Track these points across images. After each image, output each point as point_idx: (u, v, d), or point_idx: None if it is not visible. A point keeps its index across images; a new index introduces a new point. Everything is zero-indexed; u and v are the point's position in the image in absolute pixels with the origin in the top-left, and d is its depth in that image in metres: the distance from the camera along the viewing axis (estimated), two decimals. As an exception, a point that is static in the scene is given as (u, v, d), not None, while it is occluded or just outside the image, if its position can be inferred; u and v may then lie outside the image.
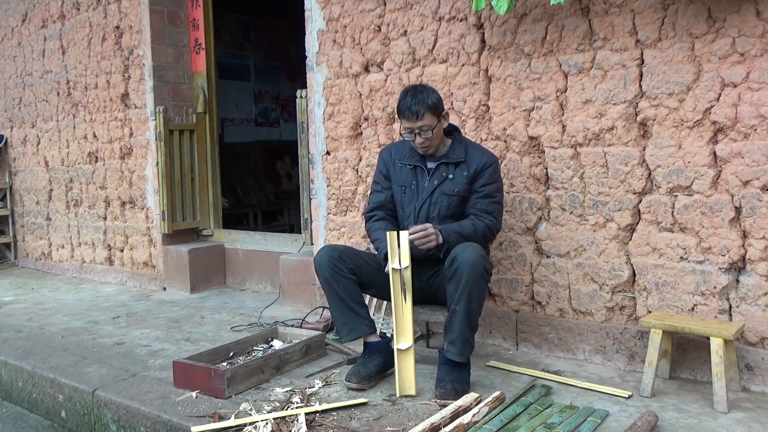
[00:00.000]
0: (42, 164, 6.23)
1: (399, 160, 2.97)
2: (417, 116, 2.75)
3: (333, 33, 3.84)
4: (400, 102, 2.81)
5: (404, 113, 2.79)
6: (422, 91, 2.80)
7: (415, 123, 2.77)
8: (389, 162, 3.00)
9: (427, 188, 2.87)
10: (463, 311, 2.57)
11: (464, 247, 2.62)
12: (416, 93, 2.78)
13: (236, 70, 7.96)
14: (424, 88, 2.83)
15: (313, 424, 2.40)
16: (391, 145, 3.10)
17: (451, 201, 2.84)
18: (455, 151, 2.88)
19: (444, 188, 2.84)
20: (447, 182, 2.84)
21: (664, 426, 2.31)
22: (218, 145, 5.33)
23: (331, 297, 2.82)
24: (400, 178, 2.95)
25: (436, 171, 2.87)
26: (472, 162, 2.85)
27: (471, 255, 2.56)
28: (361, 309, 2.84)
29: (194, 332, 3.79)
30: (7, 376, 3.48)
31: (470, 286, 2.55)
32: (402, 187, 2.94)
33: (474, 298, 2.58)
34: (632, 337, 2.88)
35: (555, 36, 2.99)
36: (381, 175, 3.03)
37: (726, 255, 2.62)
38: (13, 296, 5.15)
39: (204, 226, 5.20)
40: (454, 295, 2.59)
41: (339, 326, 2.86)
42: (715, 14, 2.59)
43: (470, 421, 2.25)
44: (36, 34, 6.11)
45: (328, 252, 2.83)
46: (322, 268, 2.80)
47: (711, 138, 2.63)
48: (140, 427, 2.67)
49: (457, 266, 2.56)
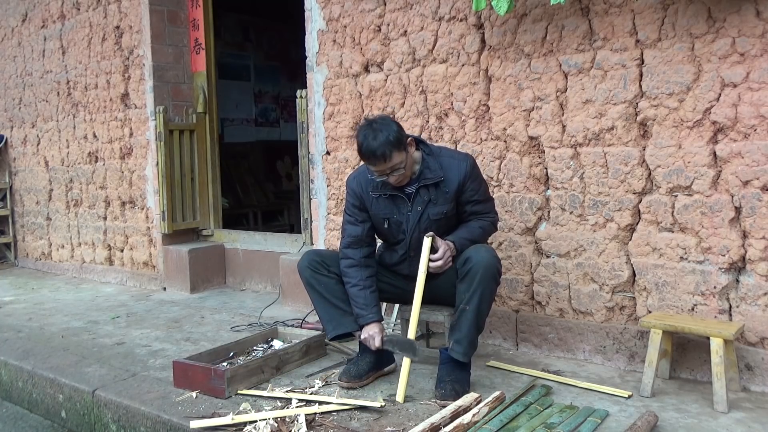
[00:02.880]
0: (42, 164, 6.23)
1: (372, 191, 2.77)
2: (384, 159, 2.55)
3: (333, 33, 3.84)
4: (362, 145, 2.59)
5: (369, 159, 2.59)
6: (380, 130, 2.56)
7: (384, 165, 2.58)
8: (361, 194, 2.80)
9: (413, 216, 2.73)
10: (473, 311, 2.58)
11: (478, 249, 2.62)
12: (375, 134, 2.55)
13: (236, 70, 7.96)
14: (381, 125, 2.59)
15: (313, 424, 2.41)
16: (358, 174, 2.86)
17: (439, 223, 2.73)
18: (431, 170, 2.70)
19: (429, 213, 2.71)
20: (430, 206, 2.71)
21: (664, 426, 2.31)
22: (218, 145, 5.34)
23: (313, 296, 2.86)
24: (379, 210, 2.78)
25: (417, 196, 2.71)
26: (451, 178, 2.68)
27: (485, 256, 2.57)
28: (345, 305, 2.82)
29: (194, 332, 3.79)
30: (7, 376, 3.48)
31: (482, 287, 2.55)
32: (384, 219, 2.77)
33: (485, 300, 2.59)
34: (632, 337, 2.88)
35: (555, 36, 2.99)
36: (353, 207, 2.84)
37: (726, 255, 2.62)
38: (13, 296, 5.15)
39: (204, 226, 5.20)
40: (464, 295, 2.59)
41: (324, 323, 2.88)
42: (715, 14, 2.59)
43: (470, 421, 2.25)
44: (36, 34, 6.11)
45: (309, 256, 2.87)
46: (302, 270, 2.85)
47: (711, 138, 2.63)
48: (140, 427, 2.67)
49: (470, 267, 2.56)
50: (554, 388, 2.68)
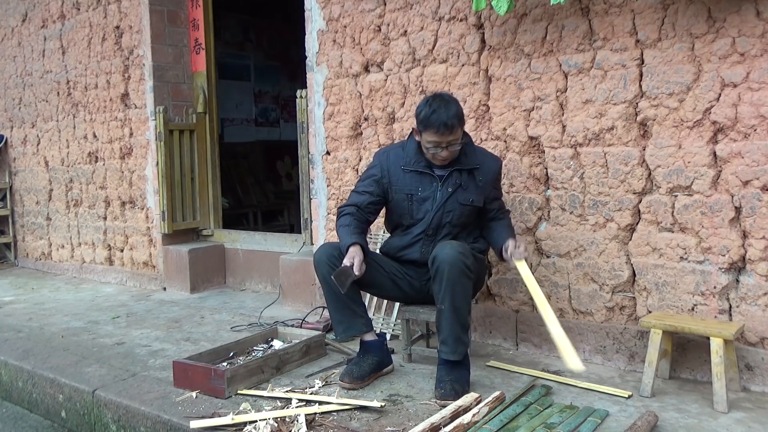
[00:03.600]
0: (42, 164, 6.23)
1: (403, 166, 2.81)
2: (451, 131, 2.62)
3: (333, 33, 3.84)
4: (430, 115, 2.62)
5: (438, 128, 2.61)
6: (451, 102, 2.65)
7: (447, 137, 2.63)
8: (389, 167, 2.83)
9: (441, 196, 2.75)
10: (449, 309, 2.57)
11: (443, 246, 2.61)
12: (447, 105, 2.63)
13: (236, 70, 7.96)
14: (451, 99, 2.68)
15: (313, 424, 2.41)
16: (389, 149, 2.93)
17: (464, 210, 2.77)
18: (468, 157, 2.77)
19: (458, 197, 2.75)
20: (460, 191, 2.75)
21: (664, 426, 2.31)
22: (218, 145, 5.33)
23: (328, 294, 2.81)
24: (404, 185, 2.80)
25: (449, 178, 2.75)
26: (487, 169, 2.79)
27: (449, 252, 2.55)
28: (358, 308, 2.83)
29: (194, 332, 3.79)
30: (7, 376, 3.48)
31: (452, 283, 2.55)
32: (408, 195, 2.79)
33: (458, 295, 2.57)
34: (632, 337, 2.88)
35: (555, 36, 2.99)
36: (372, 179, 2.84)
37: (726, 255, 2.62)
38: (13, 296, 5.15)
39: (204, 226, 5.20)
40: (438, 295, 2.60)
41: (335, 324, 2.86)
42: (715, 14, 2.59)
43: (470, 421, 2.25)
44: (36, 34, 6.11)
45: (327, 250, 2.81)
46: (320, 265, 2.78)
47: (711, 138, 2.63)
48: (140, 427, 2.67)
49: (437, 265, 2.57)
50: (554, 388, 2.68)
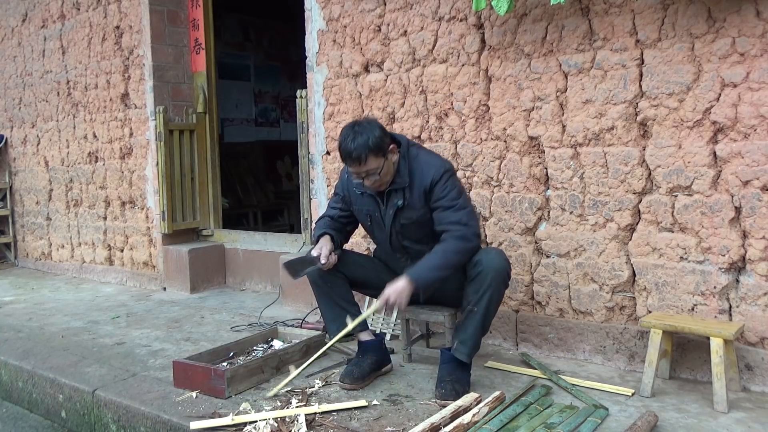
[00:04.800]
0: (42, 164, 6.23)
1: (355, 188, 2.78)
2: (359, 162, 2.54)
3: (333, 33, 3.84)
4: (340, 145, 2.58)
5: (345, 159, 2.59)
6: (361, 132, 2.54)
7: (360, 168, 2.57)
8: (348, 187, 2.83)
9: (387, 219, 2.74)
10: (481, 314, 2.58)
11: (488, 251, 2.64)
12: (355, 135, 2.53)
13: (236, 70, 7.96)
14: (364, 127, 2.56)
15: (313, 424, 2.41)
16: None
17: (413, 227, 2.72)
18: (400, 175, 2.66)
19: (401, 217, 2.71)
20: (404, 210, 2.69)
21: (664, 426, 2.31)
22: (218, 145, 5.33)
23: (319, 294, 2.85)
24: (362, 205, 2.80)
25: (389, 200, 2.71)
26: (418, 184, 2.64)
27: (496, 259, 2.58)
28: (350, 306, 2.83)
29: (194, 332, 3.79)
30: (7, 376, 3.48)
31: (492, 289, 2.56)
32: (368, 216, 2.80)
33: (493, 302, 2.60)
34: (632, 337, 2.88)
35: (555, 36, 2.99)
36: (338, 197, 2.89)
37: (726, 255, 2.62)
38: (13, 296, 5.15)
39: (204, 226, 5.20)
40: (473, 297, 2.59)
41: (327, 323, 2.87)
42: (715, 14, 2.59)
43: (470, 421, 2.26)
44: (36, 34, 6.11)
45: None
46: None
47: (711, 138, 2.63)
48: (140, 427, 2.67)
49: (481, 269, 2.56)
50: (554, 388, 2.68)
